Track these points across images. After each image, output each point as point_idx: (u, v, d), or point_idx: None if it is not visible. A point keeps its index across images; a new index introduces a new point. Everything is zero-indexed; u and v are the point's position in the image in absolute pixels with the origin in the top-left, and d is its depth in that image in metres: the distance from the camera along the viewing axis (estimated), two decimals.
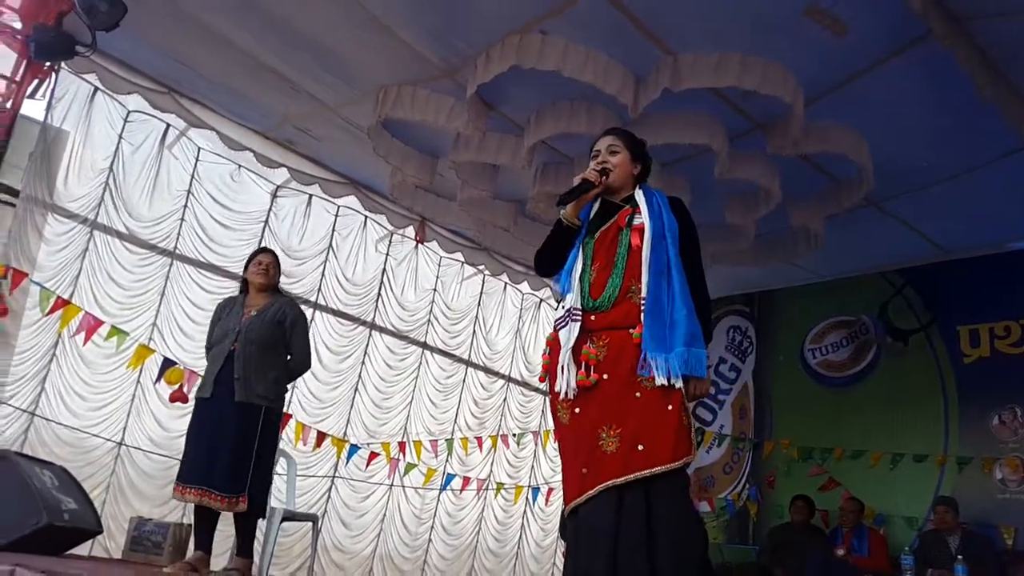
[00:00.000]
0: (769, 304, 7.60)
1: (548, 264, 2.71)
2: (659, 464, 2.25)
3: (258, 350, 3.92)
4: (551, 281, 2.72)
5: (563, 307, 2.56)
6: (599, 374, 2.39)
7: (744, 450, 7.33)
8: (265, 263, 4.15)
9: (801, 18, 3.85)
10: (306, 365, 4.24)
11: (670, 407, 2.29)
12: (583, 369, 2.41)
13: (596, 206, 2.69)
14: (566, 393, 2.43)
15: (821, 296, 7.09)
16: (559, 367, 2.46)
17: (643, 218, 2.52)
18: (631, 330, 2.39)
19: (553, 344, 2.56)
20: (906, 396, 6.31)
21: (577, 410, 2.42)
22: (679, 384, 2.31)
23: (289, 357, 4.11)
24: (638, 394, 2.33)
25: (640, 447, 2.27)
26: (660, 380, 2.31)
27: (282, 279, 4.39)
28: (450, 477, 7.37)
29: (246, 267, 4.23)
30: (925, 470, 6.04)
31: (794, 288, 7.27)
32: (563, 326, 2.52)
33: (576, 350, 2.45)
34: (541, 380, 2.64)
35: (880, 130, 4.58)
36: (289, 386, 4.31)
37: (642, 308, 2.40)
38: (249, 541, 3.96)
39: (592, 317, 2.48)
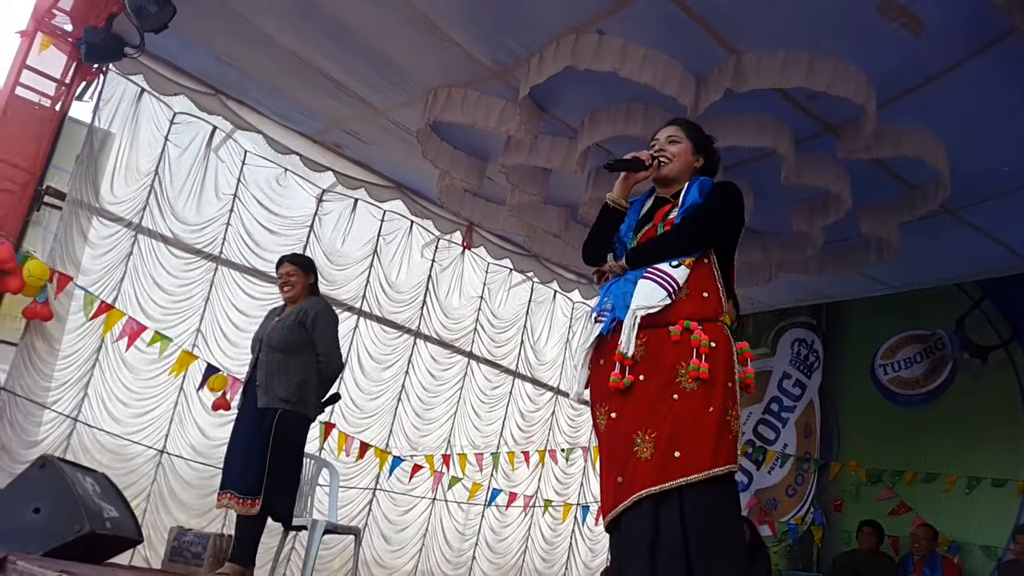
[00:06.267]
0: (837, 317, 7.36)
1: (594, 253, 2.57)
2: (695, 471, 2.12)
3: (280, 355, 3.87)
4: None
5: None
6: (635, 375, 2.25)
7: (809, 471, 7.09)
8: (283, 275, 4.07)
9: (875, 16, 3.66)
10: (334, 362, 4.05)
11: (711, 409, 2.16)
12: (617, 371, 2.26)
13: (649, 203, 2.54)
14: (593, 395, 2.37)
15: (893, 309, 6.82)
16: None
17: (675, 213, 2.40)
18: (670, 327, 2.25)
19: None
20: (984, 416, 6.05)
21: (613, 415, 2.30)
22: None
23: (317, 358, 3.98)
24: (676, 396, 2.19)
25: (676, 454, 2.14)
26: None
27: (325, 285, 4.26)
28: (495, 492, 7.22)
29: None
30: (1004, 496, 5.80)
31: (864, 300, 6.96)
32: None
33: (609, 351, 2.32)
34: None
35: (958, 133, 4.40)
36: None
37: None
38: (246, 547, 3.81)
39: None
